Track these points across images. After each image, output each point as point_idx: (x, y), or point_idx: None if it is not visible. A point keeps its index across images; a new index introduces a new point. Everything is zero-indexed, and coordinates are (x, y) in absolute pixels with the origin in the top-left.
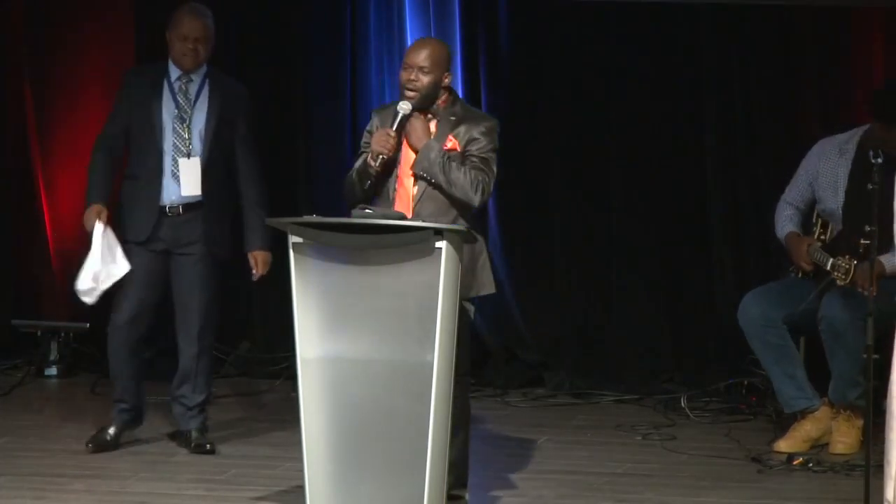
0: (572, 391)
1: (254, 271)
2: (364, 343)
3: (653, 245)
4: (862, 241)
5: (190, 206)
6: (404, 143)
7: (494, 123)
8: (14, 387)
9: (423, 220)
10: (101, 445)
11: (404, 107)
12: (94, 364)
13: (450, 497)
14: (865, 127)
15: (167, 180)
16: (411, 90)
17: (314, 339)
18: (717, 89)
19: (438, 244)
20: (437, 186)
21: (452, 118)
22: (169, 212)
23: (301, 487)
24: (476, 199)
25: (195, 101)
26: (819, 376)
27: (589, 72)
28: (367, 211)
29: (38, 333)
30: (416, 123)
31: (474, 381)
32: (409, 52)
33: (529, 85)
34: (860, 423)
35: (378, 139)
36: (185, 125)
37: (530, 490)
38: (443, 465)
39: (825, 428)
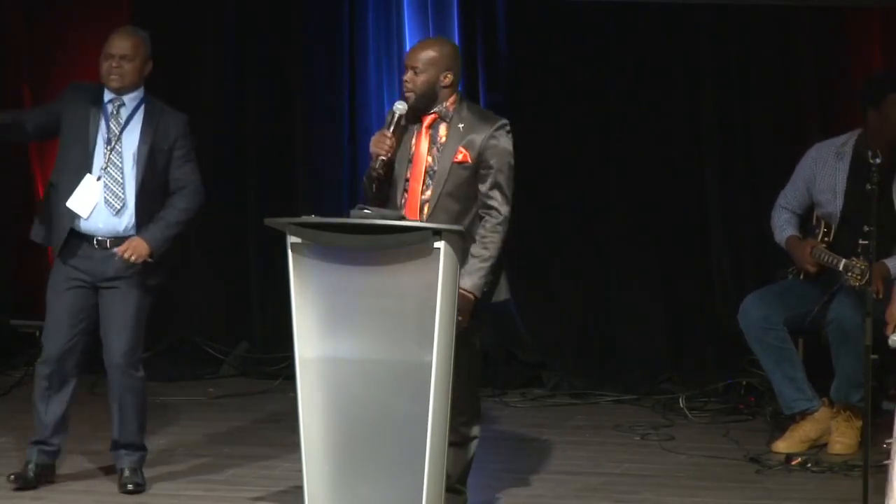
0: (571, 391)
1: (122, 248)
2: (363, 343)
3: (651, 245)
4: (860, 242)
5: (119, 239)
6: (415, 150)
7: (503, 124)
8: (13, 387)
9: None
10: (25, 483)
11: (399, 107)
12: (93, 364)
13: (452, 490)
14: (860, 130)
15: (98, 208)
16: (407, 90)
17: (313, 340)
18: (716, 90)
19: (437, 244)
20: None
21: (461, 125)
22: (96, 244)
23: (299, 488)
24: (505, 229)
25: (125, 125)
26: (818, 377)
27: (587, 72)
28: (365, 211)
29: (37, 333)
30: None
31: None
32: (407, 53)
33: (528, 84)
34: (859, 423)
35: (376, 141)
36: (110, 148)
37: (529, 490)
38: (441, 465)
39: (824, 429)
